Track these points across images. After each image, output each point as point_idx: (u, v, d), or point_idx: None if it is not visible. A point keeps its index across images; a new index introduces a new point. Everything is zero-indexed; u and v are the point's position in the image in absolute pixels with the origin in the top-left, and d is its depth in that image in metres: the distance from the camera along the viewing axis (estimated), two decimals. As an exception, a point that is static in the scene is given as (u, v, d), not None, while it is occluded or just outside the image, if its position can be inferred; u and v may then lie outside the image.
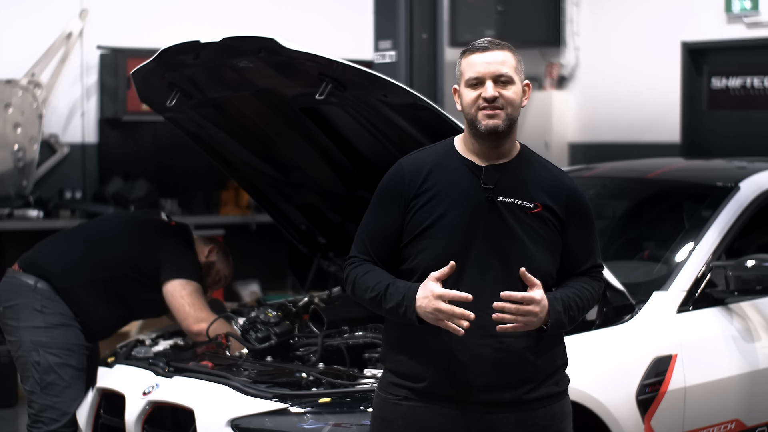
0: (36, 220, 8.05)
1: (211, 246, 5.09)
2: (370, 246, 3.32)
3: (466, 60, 3.30)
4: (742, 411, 4.61)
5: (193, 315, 4.77)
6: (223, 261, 5.13)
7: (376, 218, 3.33)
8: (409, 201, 3.28)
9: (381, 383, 3.41)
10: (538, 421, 3.30)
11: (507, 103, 3.26)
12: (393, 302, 3.21)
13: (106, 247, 4.97)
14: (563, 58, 9.56)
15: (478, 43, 3.31)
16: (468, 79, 3.27)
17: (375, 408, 3.42)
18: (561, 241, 3.33)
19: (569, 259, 3.36)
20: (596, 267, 3.42)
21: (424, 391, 3.28)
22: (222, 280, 5.17)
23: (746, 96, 8.59)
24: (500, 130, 3.25)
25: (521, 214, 3.27)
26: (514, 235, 3.26)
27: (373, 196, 3.37)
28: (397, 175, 3.33)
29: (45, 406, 4.80)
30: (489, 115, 3.24)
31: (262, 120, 4.75)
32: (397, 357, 3.33)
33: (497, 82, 3.26)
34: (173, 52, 4.31)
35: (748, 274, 4.59)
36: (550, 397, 3.33)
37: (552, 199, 3.31)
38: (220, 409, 4.08)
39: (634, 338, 4.41)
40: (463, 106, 3.30)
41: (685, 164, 6.34)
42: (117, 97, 8.50)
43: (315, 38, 8.77)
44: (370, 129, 4.39)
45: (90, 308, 4.89)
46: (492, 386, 3.26)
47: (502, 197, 3.27)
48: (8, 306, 4.94)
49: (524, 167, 3.33)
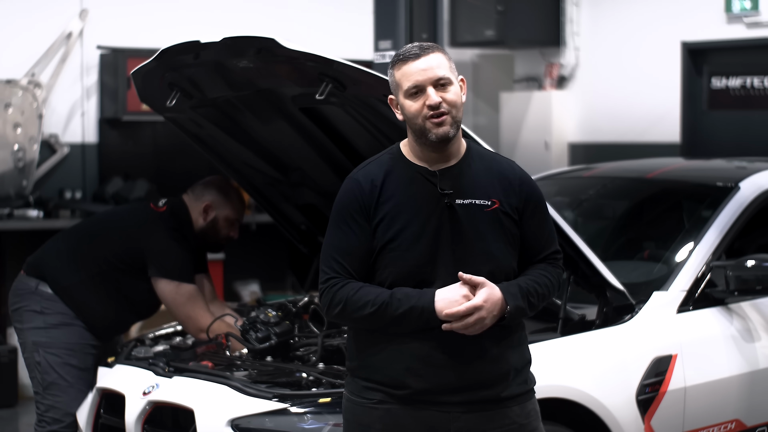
0: (36, 220, 8.05)
1: (204, 203, 4.99)
2: (346, 264, 3.26)
3: (399, 71, 3.27)
4: (742, 411, 4.61)
5: (193, 326, 4.80)
6: (225, 206, 5.02)
7: (344, 235, 3.28)
8: (369, 213, 3.27)
9: (352, 387, 3.36)
10: (514, 419, 3.30)
11: (451, 105, 3.24)
12: (405, 307, 3.18)
13: (95, 241, 4.97)
14: (563, 58, 9.56)
15: (409, 51, 3.27)
16: (407, 90, 3.25)
17: (347, 413, 3.37)
18: (519, 232, 3.33)
19: (526, 247, 3.35)
20: (554, 253, 3.41)
21: (399, 395, 3.27)
22: (235, 221, 5.07)
23: (746, 96, 8.59)
24: (451, 135, 3.25)
25: (479, 213, 3.27)
26: (476, 235, 3.26)
27: (332, 215, 3.33)
28: (355, 189, 3.30)
29: (48, 406, 4.81)
30: (437, 123, 3.22)
31: (262, 120, 4.75)
32: (369, 364, 3.30)
33: (437, 87, 3.24)
34: (173, 52, 4.31)
35: (748, 274, 4.59)
36: (523, 395, 3.34)
37: (506, 190, 3.31)
38: (220, 409, 4.08)
39: (634, 338, 4.41)
40: (407, 117, 3.27)
41: (685, 164, 6.34)
42: (117, 97, 8.50)
43: (315, 38, 8.77)
44: (370, 129, 4.39)
45: (90, 306, 4.88)
46: (468, 386, 3.25)
47: (460, 200, 3.27)
48: (14, 309, 4.98)
49: (474, 165, 3.32)
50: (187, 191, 5.08)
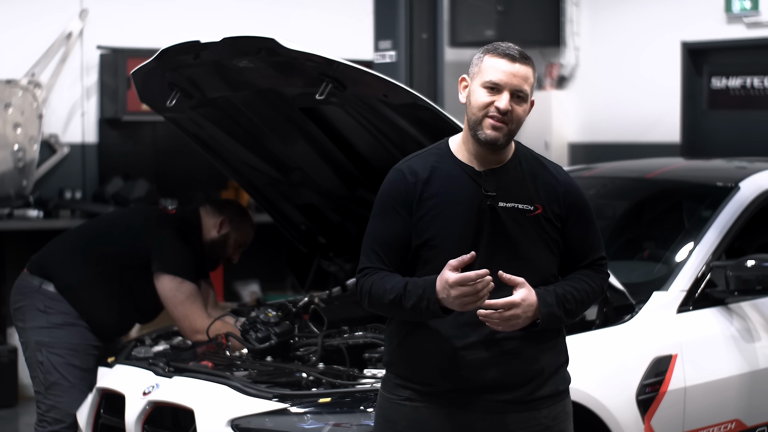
0: (36, 220, 8.05)
1: (222, 218, 5.03)
2: (382, 254, 3.26)
3: (491, 60, 3.25)
4: (742, 411, 4.61)
5: (189, 327, 4.79)
6: (239, 228, 5.06)
7: (384, 225, 3.28)
8: (412, 206, 3.26)
9: (384, 383, 3.40)
10: (541, 420, 3.30)
11: (514, 119, 3.24)
12: (414, 298, 3.17)
13: (102, 239, 4.98)
14: (563, 58, 9.55)
15: (509, 48, 3.25)
16: (486, 81, 3.23)
17: (378, 407, 3.41)
18: (562, 239, 3.32)
19: (570, 254, 3.35)
20: (599, 260, 3.40)
21: (427, 392, 3.28)
22: (242, 246, 5.11)
23: (746, 96, 8.59)
24: (499, 143, 3.25)
25: (521, 217, 3.27)
26: (516, 239, 3.26)
27: (375, 205, 3.33)
28: (399, 180, 3.29)
29: (50, 406, 4.81)
30: (495, 127, 3.22)
31: (262, 120, 4.75)
32: (401, 360, 3.32)
33: (513, 96, 3.24)
34: (173, 52, 4.31)
35: (748, 274, 4.59)
36: (553, 396, 3.33)
37: (550, 197, 3.31)
38: (220, 409, 4.08)
39: (634, 338, 4.41)
40: (471, 104, 3.26)
41: (685, 164, 6.34)
42: (117, 97, 8.49)
43: (315, 38, 8.77)
44: (370, 129, 4.39)
45: (94, 305, 4.87)
46: (495, 386, 3.25)
47: (503, 203, 3.26)
48: (16, 308, 4.98)
49: (521, 168, 3.32)
50: (204, 205, 5.12)
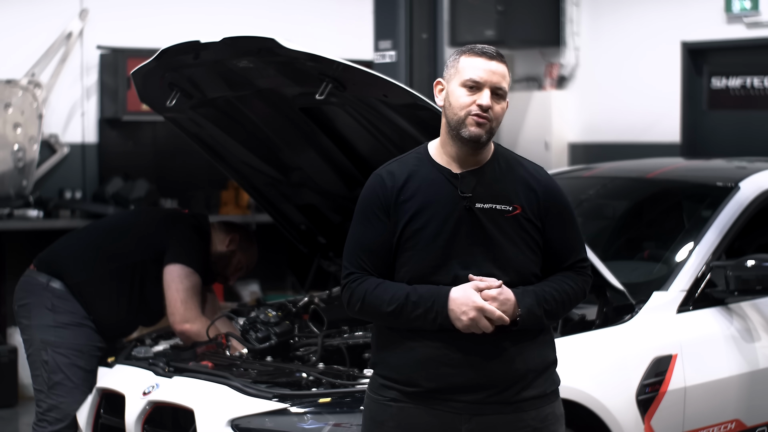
0: (36, 220, 8.05)
1: (232, 235, 5.05)
2: (366, 260, 3.28)
3: (468, 60, 3.28)
4: (742, 411, 4.61)
5: (182, 313, 4.76)
6: (245, 250, 5.10)
7: (366, 231, 3.30)
8: (389, 211, 3.27)
9: (371, 384, 3.40)
10: (528, 423, 3.29)
11: (495, 116, 3.26)
12: (420, 309, 3.19)
13: (115, 236, 5.00)
14: (563, 58, 9.55)
15: (485, 48, 3.29)
16: (466, 80, 3.25)
17: (365, 409, 3.41)
18: (542, 239, 3.32)
19: (551, 254, 3.34)
20: (580, 261, 3.39)
21: (411, 393, 3.28)
22: (244, 269, 5.14)
23: (746, 96, 8.59)
24: (482, 140, 3.26)
25: (500, 218, 3.27)
26: (494, 240, 3.26)
27: (356, 210, 3.34)
28: (377, 185, 3.31)
29: (51, 405, 4.79)
30: (478, 123, 3.23)
31: (262, 120, 4.75)
32: (387, 361, 3.32)
33: (493, 94, 3.25)
34: (173, 52, 4.31)
35: (748, 274, 4.59)
36: (541, 398, 3.32)
37: (529, 197, 3.31)
38: (220, 409, 4.08)
39: (634, 338, 4.41)
40: (451, 105, 3.27)
41: (685, 164, 6.34)
42: (117, 97, 8.50)
43: (315, 38, 8.77)
44: (370, 129, 4.39)
45: (102, 303, 4.87)
46: (477, 386, 3.25)
47: (480, 204, 3.27)
48: (21, 305, 4.95)
49: (499, 169, 3.32)
50: (213, 224, 5.14)
